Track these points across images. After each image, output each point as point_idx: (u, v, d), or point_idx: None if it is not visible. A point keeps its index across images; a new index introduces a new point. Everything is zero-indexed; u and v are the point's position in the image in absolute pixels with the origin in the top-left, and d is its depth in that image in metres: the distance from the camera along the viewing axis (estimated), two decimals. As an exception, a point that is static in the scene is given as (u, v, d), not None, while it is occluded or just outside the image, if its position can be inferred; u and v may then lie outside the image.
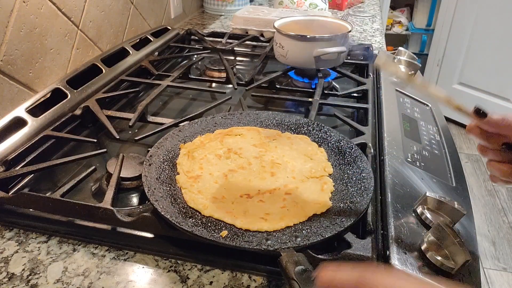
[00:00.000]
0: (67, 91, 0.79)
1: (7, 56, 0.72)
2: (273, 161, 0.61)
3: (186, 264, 0.50)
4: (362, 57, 1.11)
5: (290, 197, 0.54)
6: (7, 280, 0.47)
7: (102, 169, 0.64)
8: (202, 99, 0.93)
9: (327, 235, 0.46)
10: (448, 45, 2.71)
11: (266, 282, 0.48)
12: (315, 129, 0.68)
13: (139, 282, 0.48)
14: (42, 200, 0.54)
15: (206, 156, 0.61)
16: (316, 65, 0.92)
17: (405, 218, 0.53)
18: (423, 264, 0.46)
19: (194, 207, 0.52)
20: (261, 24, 1.29)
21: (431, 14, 3.12)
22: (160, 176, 0.56)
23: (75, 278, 0.48)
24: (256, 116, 0.72)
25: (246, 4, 1.61)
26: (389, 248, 0.48)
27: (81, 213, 0.53)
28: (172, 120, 0.73)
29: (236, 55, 1.17)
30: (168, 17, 1.36)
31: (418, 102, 0.88)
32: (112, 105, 0.87)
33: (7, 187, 0.60)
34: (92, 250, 0.52)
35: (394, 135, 0.71)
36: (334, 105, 0.83)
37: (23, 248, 0.52)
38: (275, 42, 0.96)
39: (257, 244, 0.46)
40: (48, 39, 0.81)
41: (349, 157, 0.61)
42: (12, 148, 0.65)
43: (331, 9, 1.69)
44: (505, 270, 1.73)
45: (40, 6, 0.78)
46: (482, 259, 1.77)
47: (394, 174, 0.60)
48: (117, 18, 1.05)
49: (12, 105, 0.73)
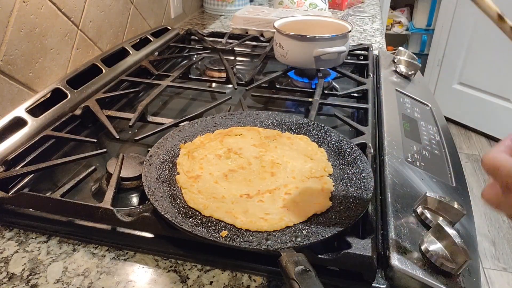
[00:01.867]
0: (67, 91, 0.79)
1: (7, 56, 0.72)
2: (273, 161, 0.61)
3: (186, 264, 0.50)
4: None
5: (290, 197, 0.54)
6: (7, 280, 0.47)
7: (102, 169, 0.64)
8: (202, 99, 0.93)
9: (327, 235, 0.46)
10: (448, 45, 2.71)
11: (266, 282, 0.48)
12: (315, 129, 0.68)
13: (139, 282, 0.48)
14: (42, 200, 0.54)
15: (206, 156, 0.61)
16: (316, 65, 0.92)
17: (405, 218, 0.53)
18: (423, 264, 0.46)
19: (194, 207, 0.52)
20: (261, 24, 1.29)
21: (431, 14, 3.13)
22: (160, 176, 0.56)
23: (75, 278, 0.48)
24: (256, 116, 0.72)
25: (246, 4, 1.61)
26: (389, 248, 0.48)
27: (81, 213, 0.53)
28: (172, 120, 0.73)
29: (236, 55, 1.17)
30: (168, 17, 1.36)
31: (418, 102, 0.88)
32: (112, 105, 0.87)
33: (7, 187, 0.60)
34: (92, 250, 0.52)
35: (394, 135, 0.71)
36: (334, 105, 0.83)
37: (23, 248, 0.52)
38: (275, 42, 0.96)
39: (257, 244, 0.46)
40: (48, 39, 0.81)
41: (349, 157, 0.61)
42: (12, 148, 0.65)
43: (331, 9, 1.69)
44: (505, 270, 1.73)
45: (40, 6, 0.78)
46: (482, 259, 1.77)
47: (394, 174, 0.60)
48: (117, 18, 1.05)
49: (12, 105, 0.73)
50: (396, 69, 0.99)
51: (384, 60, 1.05)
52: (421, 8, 3.19)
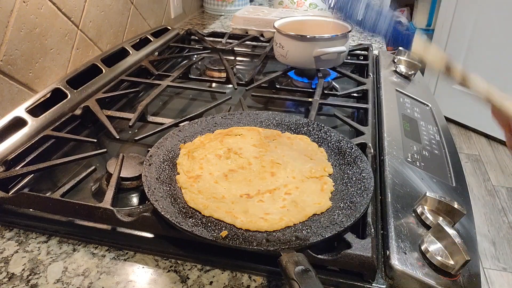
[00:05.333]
0: (67, 91, 0.79)
1: (7, 56, 0.72)
2: (273, 161, 0.61)
3: (186, 264, 0.50)
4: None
5: (290, 197, 0.54)
6: (7, 280, 0.47)
7: (102, 169, 0.64)
8: (202, 99, 0.93)
9: (327, 235, 0.46)
10: (448, 45, 2.71)
11: (266, 282, 0.48)
12: (315, 129, 0.68)
13: (139, 282, 0.48)
14: (42, 200, 0.54)
15: (206, 156, 0.61)
16: (316, 65, 0.92)
17: (405, 218, 0.53)
18: (423, 264, 0.46)
19: (194, 207, 0.52)
20: (261, 24, 1.29)
21: (431, 14, 3.12)
22: (160, 176, 0.56)
23: (75, 278, 0.48)
24: (256, 116, 0.72)
25: (246, 4, 1.61)
26: (389, 248, 0.48)
27: (81, 213, 0.53)
28: (172, 120, 0.73)
29: (236, 55, 1.17)
30: (168, 17, 1.36)
31: (418, 102, 0.88)
32: (112, 105, 0.87)
33: (7, 187, 0.60)
34: (92, 250, 0.52)
35: (394, 135, 0.71)
36: (334, 105, 0.83)
37: (23, 248, 0.52)
38: (275, 42, 0.96)
39: (257, 244, 0.46)
40: (48, 39, 0.81)
41: (349, 157, 0.61)
42: (12, 148, 0.65)
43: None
44: (505, 270, 1.73)
45: (40, 6, 0.78)
46: (482, 259, 1.77)
47: (394, 174, 0.60)
48: (117, 18, 1.05)
49: (12, 105, 0.73)
50: (396, 69, 0.99)
51: (384, 60, 1.05)
52: (421, 8, 3.18)
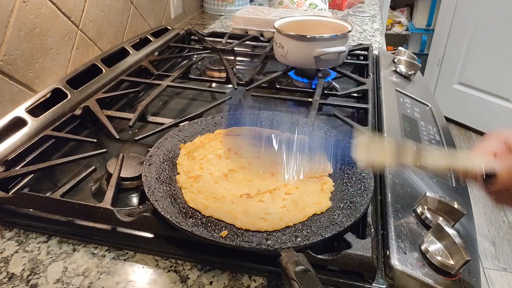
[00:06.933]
0: (67, 91, 0.79)
1: (7, 56, 0.72)
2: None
3: (186, 264, 0.50)
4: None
5: (290, 197, 0.54)
6: (7, 280, 0.47)
7: (102, 169, 0.64)
8: (202, 99, 0.93)
9: (327, 235, 0.46)
10: (448, 45, 2.71)
11: (266, 282, 0.48)
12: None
13: (139, 282, 0.48)
14: (42, 200, 0.54)
15: (206, 156, 0.61)
16: (316, 65, 0.92)
17: (405, 218, 0.53)
18: (423, 264, 0.46)
19: (194, 207, 0.52)
20: (261, 24, 1.29)
21: (431, 14, 3.12)
22: (160, 176, 0.56)
23: (75, 278, 0.48)
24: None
25: (246, 4, 1.61)
26: (389, 248, 0.48)
27: (81, 213, 0.53)
28: (172, 120, 0.73)
29: (236, 55, 1.16)
30: (168, 17, 1.36)
31: (418, 102, 0.88)
32: (112, 105, 0.87)
33: (7, 187, 0.60)
34: (92, 250, 0.52)
35: (394, 135, 0.71)
36: (334, 105, 0.83)
37: (23, 248, 0.52)
38: (275, 42, 0.96)
39: (257, 244, 0.46)
40: (48, 39, 0.81)
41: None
42: (12, 148, 0.65)
43: (331, 9, 1.69)
44: (505, 270, 1.73)
45: (40, 6, 0.78)
46: (482, 259, 1.77)
47: (394, 174, 0.60)
48: (117, 18, 1.05)
49: (12, 105, 0.73)
50: (396, 69, 0.99)
51: (384, 60, 1.05)
52: (421, 8, 3.18)
